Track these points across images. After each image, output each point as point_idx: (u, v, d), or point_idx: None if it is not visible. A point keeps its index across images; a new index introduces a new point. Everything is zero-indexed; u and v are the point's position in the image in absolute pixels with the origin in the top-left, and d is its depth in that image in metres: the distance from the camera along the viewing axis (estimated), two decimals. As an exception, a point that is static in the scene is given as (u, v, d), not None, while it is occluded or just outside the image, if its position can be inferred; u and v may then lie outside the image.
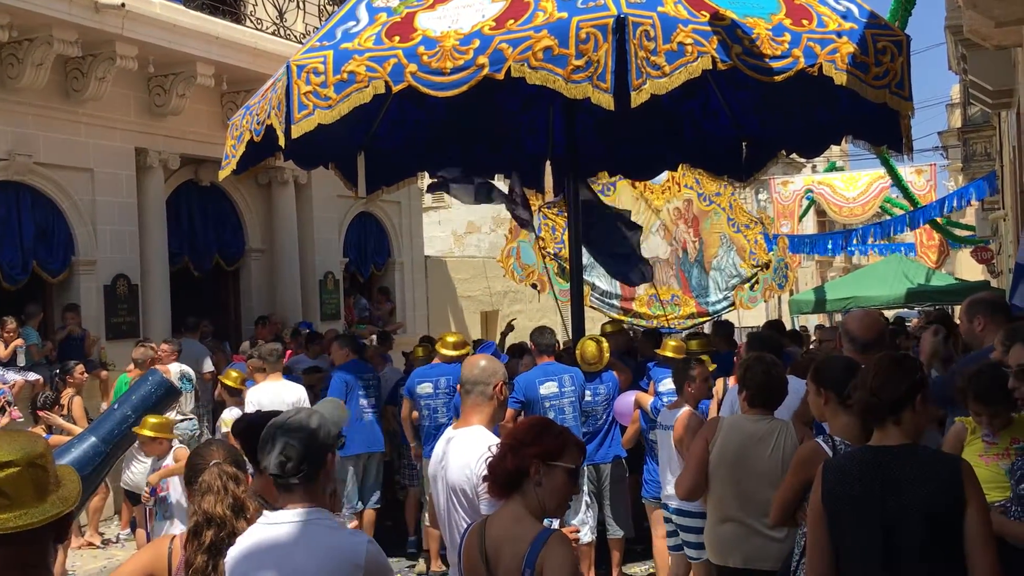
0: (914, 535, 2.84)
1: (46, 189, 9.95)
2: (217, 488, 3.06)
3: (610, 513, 7.21)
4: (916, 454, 2.95)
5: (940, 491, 2.83)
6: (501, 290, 17.78)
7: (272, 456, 2.78)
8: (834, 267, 38.61)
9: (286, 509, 2.81)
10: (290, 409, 3.10)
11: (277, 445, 2.78)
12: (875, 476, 2.92)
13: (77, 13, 9.25)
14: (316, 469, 2.81)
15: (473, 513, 3.39)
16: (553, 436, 2.96)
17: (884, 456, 2.95)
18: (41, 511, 1.74)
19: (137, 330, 10.62)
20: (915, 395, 2.99)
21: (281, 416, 2.91)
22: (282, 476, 2.78)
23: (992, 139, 18.53)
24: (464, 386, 3.73)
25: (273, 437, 2.80)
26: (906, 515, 2.85)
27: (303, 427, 2.81)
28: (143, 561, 3.25)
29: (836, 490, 2.98)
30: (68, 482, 1.85)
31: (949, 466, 2.92)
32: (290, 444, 2.77)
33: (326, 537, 2.77)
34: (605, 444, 7.26)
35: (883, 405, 2.97)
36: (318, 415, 2.90)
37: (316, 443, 2.81)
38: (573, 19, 5.82)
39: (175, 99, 10.81)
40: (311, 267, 13.39)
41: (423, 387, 7.62)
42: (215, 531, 3.00)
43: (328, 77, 6.19)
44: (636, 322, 14.59)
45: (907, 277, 17.96)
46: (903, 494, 2.86)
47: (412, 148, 9.20)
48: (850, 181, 22.50)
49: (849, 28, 6.35)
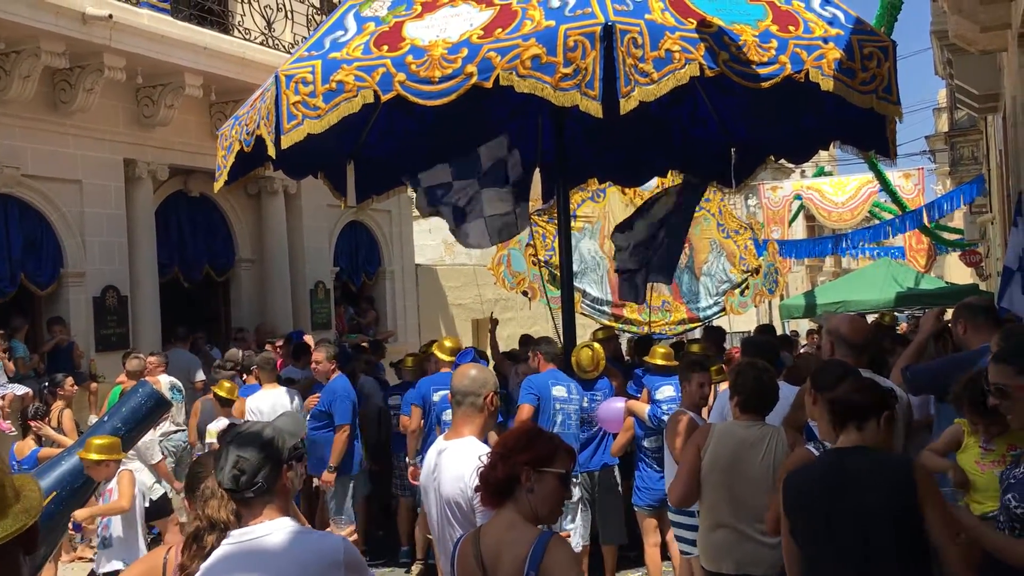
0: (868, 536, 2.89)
1: (34, 201, 9.92)
2: (220, 494, 3.02)
3: (603, 520, 7.22)
4: (871, 457, 3.00)
5: (895, 493, 2.88)
6: (492, 298, 17.77)
7: (225, 470, 2.71)
8: (824, 272, 38.77)
9: (249, 525, 2.75)
10: (243, 422, 3.06)
11: (230, 459, 2.71)
12: (831, 480, 2.98)
13: (65, 25, 9.23)
14: (273, 482, 2.74)
15: (468, 526, 3.38)
16: (543, 442, 2.96)
17: (841, 458, 3.02)
18: (3, 527, 1.64)
19: (127, 342, 10.59)
20: (882, 410, 3.06)
21: (233, 429, 2.86)
22: (237, 490, 2.72)
23: (979, 143, 18.65)
24: (455, 396, 3.72)
25: (226, 451, 2.74)
26: (862, 517, 2.89)
27: (256, 439, 2.74)
28: (136, 573, 3.24)
29: (795, 499, 3.04)
30: (28, 492, 1.76)
31: (903, 468, 2.97)
32: (242, 457, 2.71)
33: (299, 542, 2.72)
34: (599, 451, 7.28)
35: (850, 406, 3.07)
36: (272, 427, 2.84)
37: (270, 455, 2.74)
38: (561, 27, 5.84)
39: (163, 110, 10.80)
40: (301, 277, 13.38)
41: (439, 394, 7.36)
42: (218, 535, 2.96)
43: (317, 87, 6.19)
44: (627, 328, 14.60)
45: (896, 281, 18.04)
46: (859, 496, 2.92)
47: (401, 157, 9.19)
48: (839, 186, 22.61)
49: (835, 34, 6.38)
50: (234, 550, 2.74)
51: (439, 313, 16.74)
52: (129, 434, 5.81)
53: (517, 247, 13.72)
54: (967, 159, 20.78)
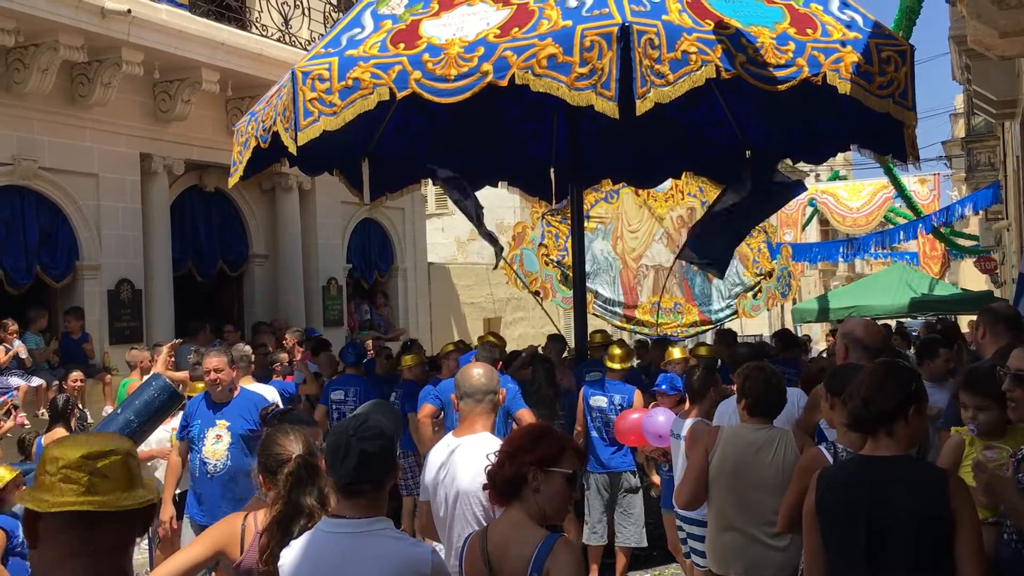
0: (900, 547, 2.82)
1: (51, 194, 9.98)
2: (305, 479, 3.07)
3: (621, 521, 7.26)
4: (905, 466, 2.91)
5: (928, 504, 2.81)
6: (504, 297, 17.78)
7: (348, 463, 2.75)
8: (837, 276, 38.61)
9: (348, 517, 2.79)
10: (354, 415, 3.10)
11: (353, 452, 2.75)
12: (864, 486, 2.90)
13: (83, 19, 9.28)
14: (387, 478, 2.82)
15: (487, 520, 3.39)
16: (550, 442, 2.96)
17: (874, 466, 2.93)
18: (139, 495, 1.96)
19: (140, 335, 10.64)
20: (908, 407, 2.94)
21: (349, 422, 2.88)
22: (355, 483, 2.76)
23: (996, 149, 18.54)
24: (474, 395, 3.76)
25: (347, 445, 2.77)
26: (894, 526, 2.83)
27: (380, 436, 2.80)
28: (214, 537, 3.27)
29: (827, 499, 2.97)
30: (149, 480, 2.07)
31: (938, 479, 2.89)
32: (367, 452, 2.75)
33: (391, 546, 2.75)
34: (621, 452, 7.32)
35: (873, 417, 2.94)
36: (386, 423, 2.93)
37: (391, 452, 2.83)
38: (578, 27, 5.84)
39: (180, 105, 10.84)
40: (314, 273, 13.41)
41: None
42: (305, 521, 3.01)
43: (333, 84, 6.21)
44: (639, 330, 14.60)
45: (910, 286, 17.95)
46: (891, 505, 2.84)
47: (416, 155, 9.22)
48: (853, 190, 22.50)
49: (853, 38, 6.36)
50: (327, 539, 2.78)
51: (451, 312, 16.76)
52: (142, 426, 5.86)
53: (530, 247, 13.73)
54: (984, 165, 20.65)
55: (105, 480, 1.92)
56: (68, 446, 1.97)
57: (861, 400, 2.98)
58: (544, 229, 13.86)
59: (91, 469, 1.92)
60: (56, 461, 1.93)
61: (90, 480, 1.91)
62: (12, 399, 8.25)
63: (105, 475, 1.93)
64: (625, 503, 7.29)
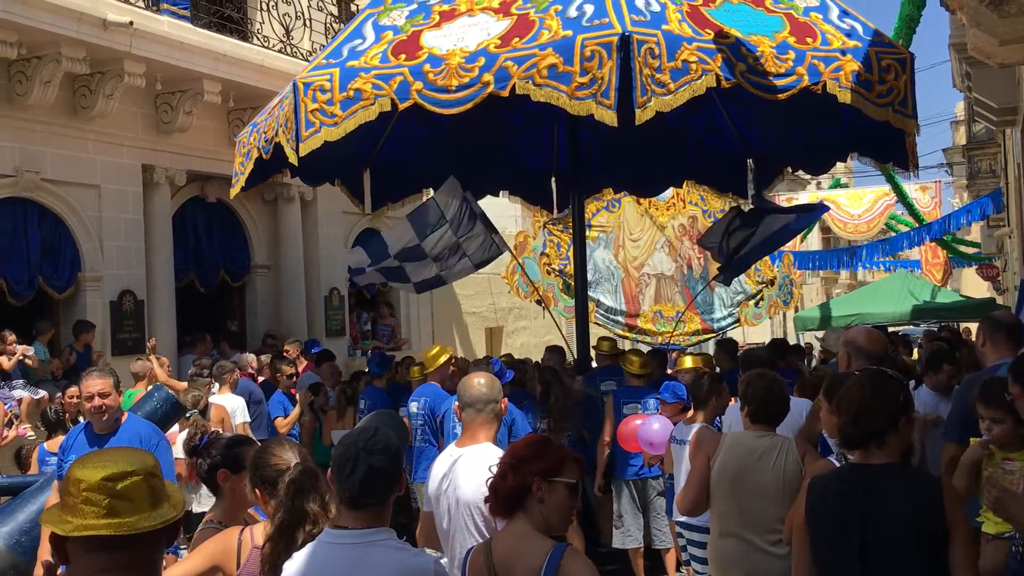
0: (893, 555, 2.81)
1: (53, 205, 9.99)
2: (307, 486, 3.06)
3: (656, 524, 7.29)
4: (898, 474, 2.91)
5: (922, 511, 2.80)
6: (506, 306, 17.78)
7: (356, 476, 2.74)
8: (839, 284, 38.58)
9: (350, 528, 2.78)
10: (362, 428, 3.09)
11: (361, 465, 2.75)
12: (856, 494, 2.89)
13: (85, 31, 9.32)
14: (392, 491, 2.81)
15: (488, 531, 3.38)
16: (552, 452, 2.97)
17: (866, 474, 2.92)
18: (160, 514, 1.99)
19: (143, 346, 10.64)
20: (898, 420, 2.94)
21: (358, 435, 2.87)
22: (361, 496, 2.76)
23: (997, 156, 18.53)
24: (475, 405, 3.76)
25: (355, 458, 2.76)
26: (887, 534, 2.82)
27: (388, 449, 2.80)
28: (210, 551, 3.24)
29: (817, 508, 2.97)
30: (175, 492, 2.12)
31: (931, 488, 2.88)
32: (374, 467, 2.75)
33: (393, 557, 2.75)
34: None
35: (863, 435, 2.94)
36: (392, 437, 2.89)
37: (398, 465, 2.82)
38: (578, 37, 5.86)
39: (182, 116, 10.87)
40: (316, 283, 13.42)
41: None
42: (310, 527, 2.99)
43: (334, 95, 6.23)
44: (641, 339, 14.58)
45: (912, 294, 17.93)
46: (885, 513, 2.83)
47: (417, 165, 9.24)
48: (855, 198, 22.49)
49: (853, 46, 6.38)
50: (330, 550, 2.77)
51: (453, 321, 16.75)
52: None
53: (532, 256, 13.73)
54: (985, 172, 20.63)
55: (126, 502, 1.95)
56: (90, 467, 1.99)
57: (851, 418, 2.98)
58: (546, 238, 13.87)
59: (112, 492, 1.95)
60: (79, 483, 1.96)
61: (110, 503, 1.94)
62: (12, 410, 8.25)
63: (126, 497, 1.95)
64: (658, 506, 7.32)
